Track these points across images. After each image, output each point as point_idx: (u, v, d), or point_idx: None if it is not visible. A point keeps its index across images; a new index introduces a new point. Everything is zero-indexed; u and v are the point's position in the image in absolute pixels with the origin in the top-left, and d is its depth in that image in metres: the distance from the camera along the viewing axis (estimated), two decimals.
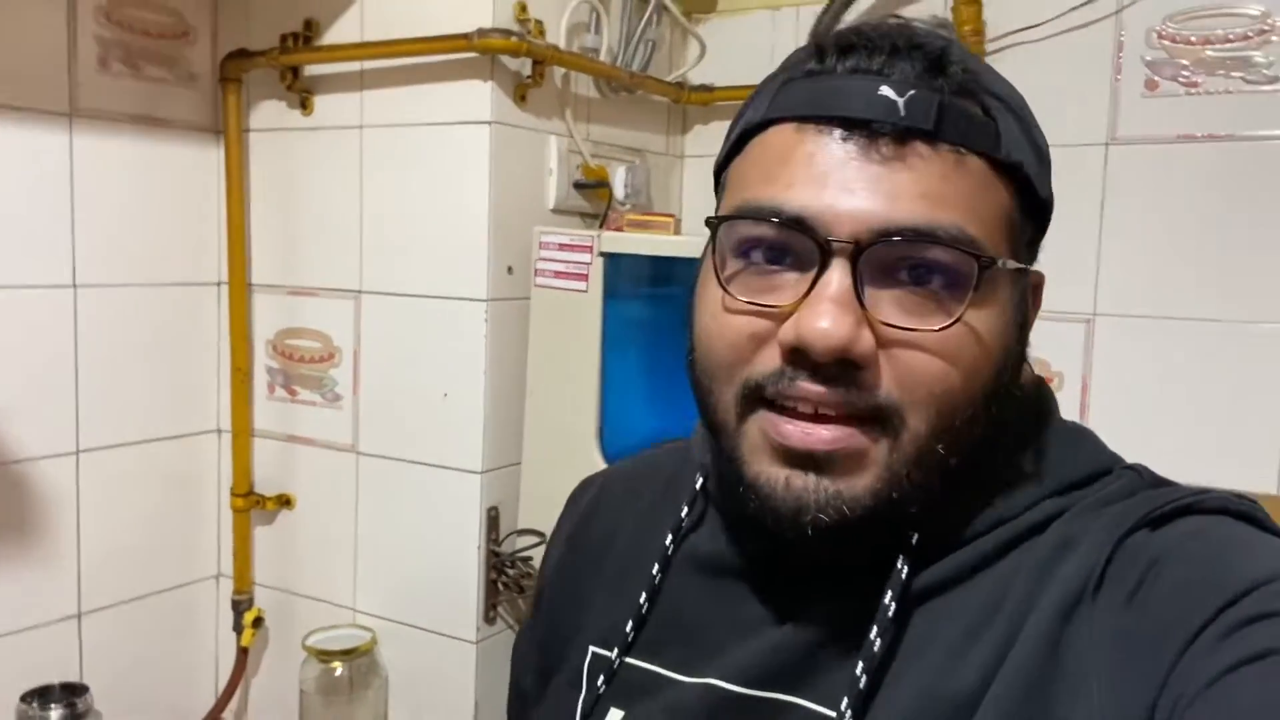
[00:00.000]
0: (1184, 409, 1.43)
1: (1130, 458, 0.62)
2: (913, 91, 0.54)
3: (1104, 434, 1.48)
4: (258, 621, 1.68)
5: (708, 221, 0.61)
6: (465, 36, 1.39)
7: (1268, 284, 1.38)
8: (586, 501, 0.80)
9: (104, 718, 1.38)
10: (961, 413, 0.55)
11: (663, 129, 1.82)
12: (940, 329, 0.54)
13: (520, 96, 1.47)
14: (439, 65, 1.45)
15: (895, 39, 0.55)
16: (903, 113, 0.53)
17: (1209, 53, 1.40)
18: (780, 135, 0.57)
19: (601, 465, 1.42)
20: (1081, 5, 1.46)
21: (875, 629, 0.56)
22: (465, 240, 1.46)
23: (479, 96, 1.43)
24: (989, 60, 1.51)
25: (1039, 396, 0.65)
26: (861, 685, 0.55)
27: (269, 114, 1.63)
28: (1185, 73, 1.41)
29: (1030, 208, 0.59)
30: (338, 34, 1.55)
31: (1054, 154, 0.62)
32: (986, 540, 0.58)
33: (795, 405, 0.55)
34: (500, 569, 1.49)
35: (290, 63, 1.56)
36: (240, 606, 1.68)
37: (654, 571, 0.68)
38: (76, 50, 1.46)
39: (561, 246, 1.44)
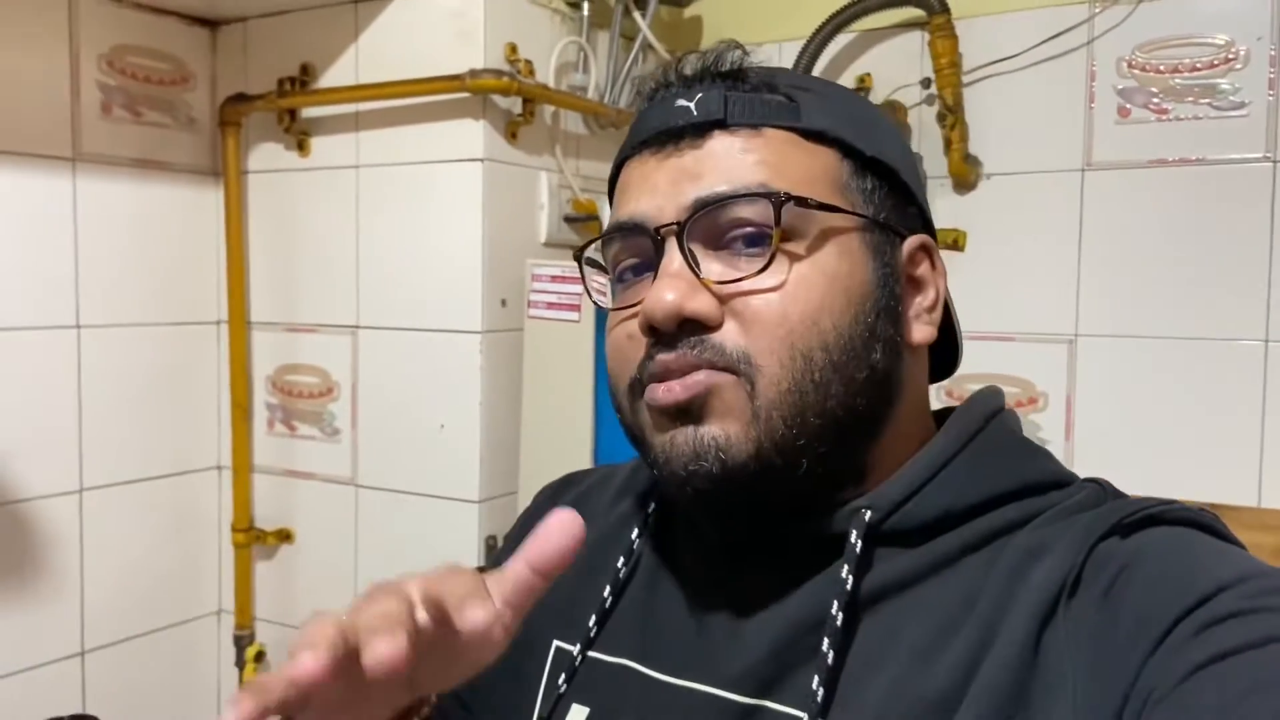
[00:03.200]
0: (1166, 425, 1.46)
1: (1115, 472, 0.64)
2: (701, 94, 0.62)
3: (1091, 450, 1.52)
4: (259, 656, 1.69)
5: (574, 255, 0.69)
6: (458, 77, 1.43)
7: (1240, 301, 1.42)
8: (574, 496, 0.80)
9: None
10: (817, 352, 0.58)
11: None
12: (758, 271, 0.59)
13: (511, 134, 1.52)
14: (432, 105, 1.50)
15: (691, 66, 0.64)
16: (694, 112, 0.61)
17: (1177, 81, 1.45)
18: (622, 175, 0.66)
19: None
20: (1055, 37, 1.51)
21: (835, 606, 0.57)
22: (459, 274, 1.50)
23: (471, 135, 1.47)
24: (966, 90, 1.57)
25: (989, 396, 0.68)
26: (819, 683, 0.56)
27: (267, 155, 1.67)
28: (1155, 100, 1.46)
29: (866, 167, 0.64)
30: (333, 77, 1.59)
31: (1031, 180, 0.66)
32: (948, 539, 0.59)
33: (665, 380, 0.60)
34: None
35: (287, 106, 1.61)
36: (242, 642, 1.70)
37: (619, 564, 0.69)
38: (79, 97, 1.51)
39: (553, 278, 1.47)
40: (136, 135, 1.59)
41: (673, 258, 0.60)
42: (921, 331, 0.65)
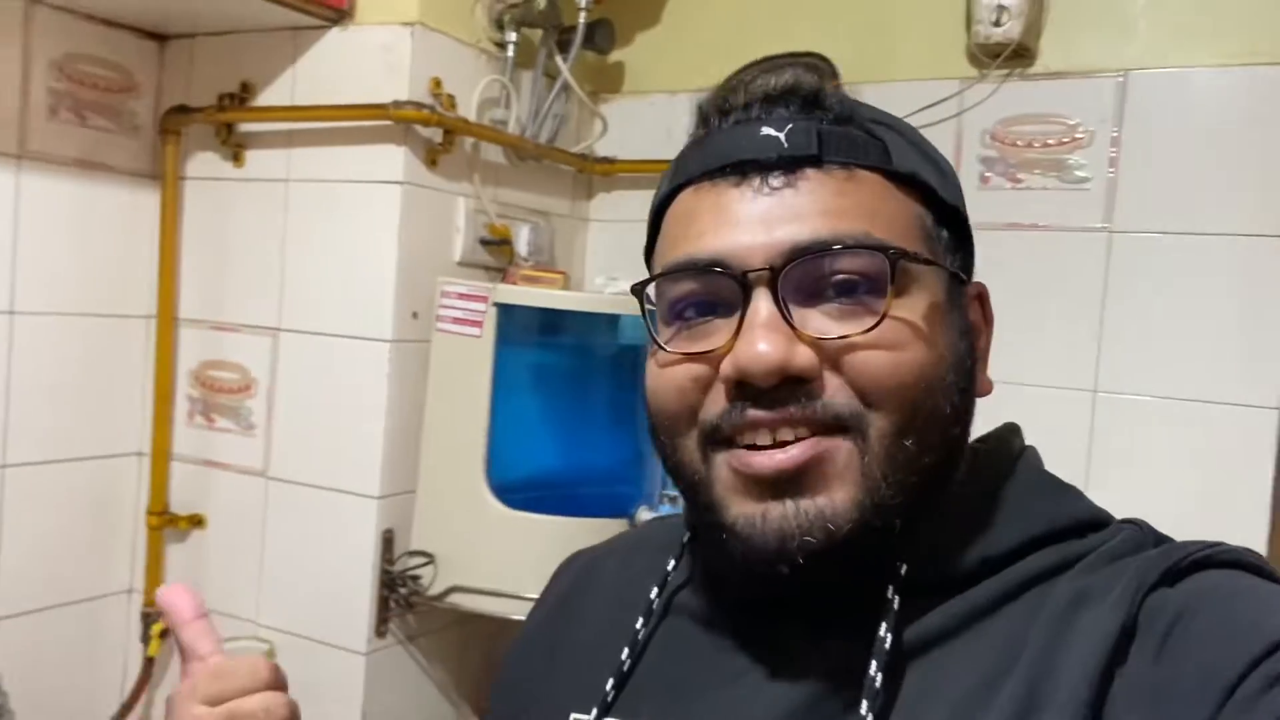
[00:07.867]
0: None
1: None
2: (791, 125, 0.57)
3: None
4: (164, 633, 1.79)
5: (632, 290, 0.61)
6: (382, 106, 1.56)
7: (1073, 355, 1.58)
8: (574, 574, 0.77)
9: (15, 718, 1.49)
10: (922, 406, 0.55)
11: (568, 194, 2.00)
12: (870, 328, 0.55)
13: (431, 161, 1.64)
14: (358, 129, 1.62)
15: (769, 88, 0.59)
16: (785, 144, 0.56)
17: (1031, 154, 1.61)
18: (684, 201, 0.60)
19: (488, 494, 1.58)
20: (929, 106, 1.67)
21: (874, 666, 0.54)
22: (375, 286, 1.62)
23: (393, 160, 1.60)
24: None
25: (1011, 435, 0.66)
26: None
27: (204, 164, 1.78)
28: (1012, 169, 1.62)
29: (943, 216, 0.61)
30: (270, 96, 1.71)
31: None
32: (982, 589, 0.57)
33: (754, 439, 0.55)
34: (392, 586, 1.63)
35: (226, 120, 1.72)
36: (149, 619, 1.79)
37: (638, 626, 0.65)
38: (29, 99, 1.61)
39: (460, 295, 1.60)
40: (81, 137, 1.70)
41: (763, 307, 0.55)
42: (985, 383, 0.63)
